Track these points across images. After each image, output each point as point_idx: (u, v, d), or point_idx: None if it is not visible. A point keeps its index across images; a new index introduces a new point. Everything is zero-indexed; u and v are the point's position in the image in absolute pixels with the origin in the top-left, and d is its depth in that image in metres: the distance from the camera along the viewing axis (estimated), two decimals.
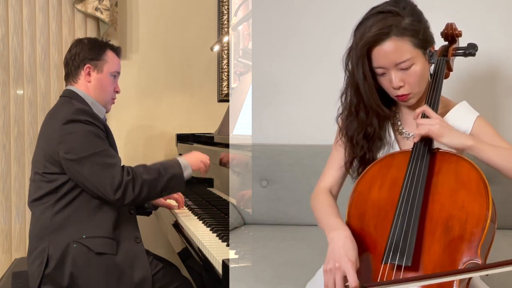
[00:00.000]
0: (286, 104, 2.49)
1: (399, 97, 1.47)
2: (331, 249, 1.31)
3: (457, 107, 1.52)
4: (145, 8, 3.42)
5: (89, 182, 1.95)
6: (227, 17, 3.50)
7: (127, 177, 1.94)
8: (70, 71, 2.18)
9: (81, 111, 2.01)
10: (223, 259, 1.60)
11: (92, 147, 1.96)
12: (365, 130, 1.52)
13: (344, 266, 1.25)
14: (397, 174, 1.38)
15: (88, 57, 2.15)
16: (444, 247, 1.26)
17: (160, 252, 2.43)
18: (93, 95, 2.16)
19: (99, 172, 1.94)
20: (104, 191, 1.94)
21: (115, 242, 2.01)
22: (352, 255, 1.28)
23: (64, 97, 2.16)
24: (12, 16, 3.09)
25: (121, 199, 1.94)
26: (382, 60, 1.43)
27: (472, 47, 1.54)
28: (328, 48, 2.33)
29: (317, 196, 1.57)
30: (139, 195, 1.96)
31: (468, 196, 1.28)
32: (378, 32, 1.40)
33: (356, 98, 1.51)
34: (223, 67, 3.55)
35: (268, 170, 2.42)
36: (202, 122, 3.44)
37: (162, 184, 2.02)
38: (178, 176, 2.08)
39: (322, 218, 1.46)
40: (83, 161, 1.94)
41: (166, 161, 2.14)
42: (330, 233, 1.35)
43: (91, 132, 1.98)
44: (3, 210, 3.10)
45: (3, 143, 3.09)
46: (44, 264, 1.94)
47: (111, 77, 2.20)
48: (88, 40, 2.24)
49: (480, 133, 1.46)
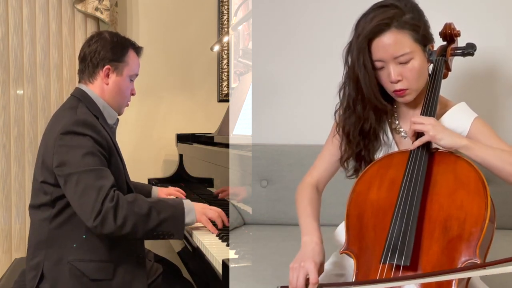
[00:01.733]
0: (286, 104, 2.49)
1: (396, 92, 1.47)
2: (301, 252, 1.41)
3: (455, 107, 1.52)
4: (145, 8, 3.42)
5: (72, 201, 1.81)
6: (227, 17, 3.51)
7: (109, 203, 1.72)
8: (87, 67, 2.02)
9: (82, 122, 1.86)
10: (223, 259, 1.60)
11: (82, 165, 1.78)
12: (362, 125, 1.52)
13: (308, 266, 1.34)
14: (396, 174, 1.38)
15: (109, 57, 2.00)
16: (443, 247, 1.26)
17: (160, 252, 2.43)
18: (107, 98, 2.02)
19: (82, 193, 1.75)
20: (84, 214, 1.75)
21: (112, 265, 1.88)
22: (317, 259, 1.37)
23: (73, 97, 2.02)
24: (12, 16, 3.09)
25: (99, 227, 1.72)
26: (381, 53, 1.43)
27: (471, 47, 1.54)
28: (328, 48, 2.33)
29: (302, 192, 1.59)
30: (121, 228, 1.73)
31: (466, 196, 1.29)
32: (379, 23, 1.41)
33: (355, 92, 1.50)
34: (223, 67, 3.55)
35: (268, 170, 2.42)
36: (202, 122, 3.45)
37: (154, 223, 1.79)
38: (176, 218, 1.84)
39: (301, 219, 1.53)
40: (70, 177, 1.78)
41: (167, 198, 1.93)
42: (303, 237, 1.45)
43: (87, 148, 1.82)
44: (3, 210, 3.10)
45: (3, 143, 3.09)
46: (38, 278, 1.87)
47: (129, 80, 2.07)
48: (110, 35, 2.05)
49: (478, 134, 1.46)
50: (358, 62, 1.46)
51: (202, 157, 2.82)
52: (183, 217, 1.86)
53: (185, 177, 3.17)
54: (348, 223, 1.41)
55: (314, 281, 1.32)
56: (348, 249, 1.39)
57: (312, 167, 1.65)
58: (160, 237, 1.85)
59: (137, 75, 2.11)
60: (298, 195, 1.60)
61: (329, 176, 1.64)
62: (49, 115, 3.14)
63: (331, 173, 1.64)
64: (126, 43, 2.06)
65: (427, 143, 1.38)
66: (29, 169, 3.13)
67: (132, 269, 1.92)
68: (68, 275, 1.85)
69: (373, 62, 1.46)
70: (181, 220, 1.85)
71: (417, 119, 1.39)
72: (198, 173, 2.95)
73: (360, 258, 1.35)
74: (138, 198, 1.82)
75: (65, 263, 1.86)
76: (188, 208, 1.88)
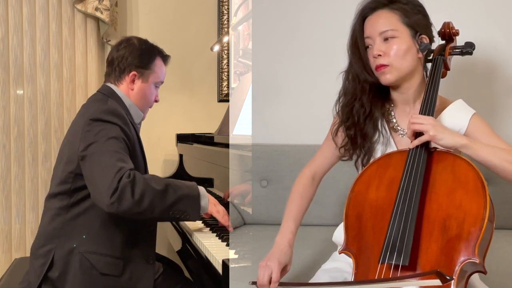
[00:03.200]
0: (286, 104, 2.49)
1: (377, 68, 1.51)
2: (272, 250, 1.49)
3: (453, 105, 1.53)
4: (145, 8, 3.42)
5: (89, 182, 1.81)
6: (227, 17, 3.51)
7: (126, 179, 1.72)
8: (114, 71, 2.07)
9: (112, 112, 1.89)
10: (223, 259, 1.60)
11: (106, 146, 1.80)
12: (354, 104, 1.56)
13: (272, 265, 1.43)
14: (395, 174, 1.38)
15: (136, 64, 2.06)
16: (442, 247, 1.26)
17: (161, 252, 2.43)
18: (133, 100, 2.08)
19: (102, 171, 1.75)
20: (100, 192, 1.73)
21: (122, 262, 1.91)
22: (283, 259, 1.47)
23: (100, 93, 2.05)
24: (12, 16, 3.09)
25: (115, 204, 1.69)
26: (369, 29, 1.52)
27: (470, 45, 1.54)
28: (328, 47, 2.34)
29: (296, 185, 1.65)
30: (139, 203, 1.72)
31: (465, 195, 1.28)
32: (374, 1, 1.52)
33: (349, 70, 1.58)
34: (223, 67, 3.55)
35: (268, 170, 2.42)
36: (202, 122, 3.45)
37: (171, 199, 1.79)
38: (192, 198, 1.86)
39: (284, 217, 1.58)
40: (93, 156, 1.79)
41: (182, 181, 1.95)
42: (277, 237, 1.53)
43: (113, 132, 1.84)
44: (3, 210, 3.10)
45: (3, 143, 3.09)
46: (47, 265, 1.89)
47: (154, 87, 2.12)
48: (139, 42, 2.11)
49: (476, 131, 1.46)
50: (352, 37, 1.56)
51: (202, 157, 2.82)
52: (199, 198, 1.88)
53: (185, 177, 3.17)
54: (347, 223, 1.41)
55: (275, 279, 1.42)
56: (346, 249, 1.39)
57: (312, 159, 1.69)
58: (176, 216, 1.85)
59: (162, 82, 2.17)
60: (292, 188, 1.64)
61: (327, 165, 1.68)
62: (49, 115, 3.15)
63: (330, 162, 1.67)
64: (154, 51, 2.12)
65: (426, 142, 1.38)
66: (29, 169, 3.13)
67: (140, 269, 1.94)
68: (79, 265, 1.87)
69: (364, 39, 1.54)
70: (197, 201, 1.87)
71: (416, 119, 1.39)
72: (198, 173, 2.95)
73: (359, 258, 1.35)
74: (155, 176, 1.86)
75: (77, 254, 1.88)
76: (203, 192, 1.91)
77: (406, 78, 1.52)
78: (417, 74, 1.54)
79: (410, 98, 1.56)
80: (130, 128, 1.94)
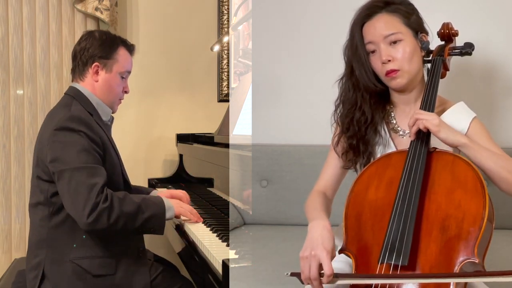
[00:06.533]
0: (286, 104, 2.48)
1: (388, 74, 1.48)
2: (309, 237, 1.35)
3: (454, 107, 1.53)
4: (145, 8, 3.42)
5: (65, 198, 1.82)
6: (227, 17, 3.51)
7: (104, 204, 1.76)
8: (77, 66, 2.05)
9: (76, 118, 1.88)
10: (223, 259, 1.60)
11: (74, 162, 1.81)
12: (355, 113, 1.54)
13: (320, 254, 1.29)
14: (394, 174, 1.38)
15: (98, 54, 2.02)
16: (441, 247, 1.26)
17: (160, 252, 2.43)
18: (99, 95, 2.04)
19: (75, 191, 1.77)
20: (75, 211, 1.78)
21: (113, 260, 1.92)
22: (328, 244, 1.32)
23: (67, 95, 2.05)
24: (12, 16, 3.09)
25: (92, 223, 1.75)
26: (371, 34, 1.49)
27: (469, 46, 1.54)
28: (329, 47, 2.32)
29: (309, 198, 1.59)
30: (113, 226, 1.79)
31: (464, 195, 1.29)
32: (372, 5, 1.50)
33: (349, 77, 1.55)
34: (223, 67, 3.55)
35: (268, 170, 2.42)
36: (202, 122, 3.45)
37: (141, 221, 1.86)
38: (158, 216, 1.92)
39: (309, 213, 1.50)
40: (63, 174, 1.81)
41: (149, 196, 2.02)
42: (310, 223, 1.41)
43: (80, 145, 1.84)
44: (3, 210, 3.10)
45: (3, 143, 3.09)
46: (39, 278, 1.88)
47: (120, 77, 2.08)
48: (99, 34, 2.08)
49: (475, 134, 1.47)
50: (351, 45, 1.52)
51: (202, 157, 2.82)
52: (164, 215, 1.94)
53: (185, 177, 3.18)
54: (346, 223, 1.41)
55: (329, 272, 1.27)
56: (346, 249, 1.38)
57: (318, 178, 1.65)
58: (144, 233, 2.00)
59: (129, 72, 2.12)
60: (306, 203, 1.58)
61: (336, 182, 1.64)
62: None
63: (337, 179, 1.64)
64: (115, 41, 2.08)
65: (425, 142, 1.38)
66: (29, 169, 3.12)
67: (133, 263, 1.96)
68: (71, 273, 1.87)
69: (366, 46, 1.50)
70: (163, 218, 1.93)
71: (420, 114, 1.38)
72: (198, 173, 2.95)
73: (358, 258, 1.35)
74: (127, 197, 1.87)
75: (67, 262, 1.88)
76: (168, 205, 1.96)
77: (413, 79, 1.52)
78: (419, 73, 1.54)
79: (412, 98, 1.56)
80: (97, 132, 1.92)
